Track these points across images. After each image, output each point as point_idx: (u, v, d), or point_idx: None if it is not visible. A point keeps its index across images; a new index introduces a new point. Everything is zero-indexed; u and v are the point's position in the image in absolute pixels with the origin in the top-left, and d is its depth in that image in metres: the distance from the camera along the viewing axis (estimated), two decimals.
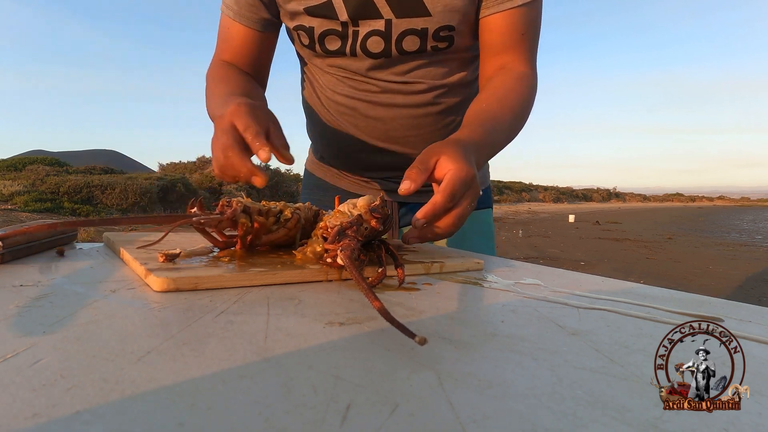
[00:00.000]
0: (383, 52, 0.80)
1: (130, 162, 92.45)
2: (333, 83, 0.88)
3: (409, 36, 0.78)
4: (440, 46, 0.80)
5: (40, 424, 0.20)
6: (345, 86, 0.87)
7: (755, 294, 4.88)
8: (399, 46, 0.79)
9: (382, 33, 0.78)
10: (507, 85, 0.77)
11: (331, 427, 0.21)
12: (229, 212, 0.53)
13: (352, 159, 0.97)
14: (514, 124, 0.76)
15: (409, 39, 0.78)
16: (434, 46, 0.80)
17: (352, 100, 0.87)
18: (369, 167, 0.97)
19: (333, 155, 1.00)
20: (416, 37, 0.78)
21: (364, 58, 0.81)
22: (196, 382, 0.24)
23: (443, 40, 0.79)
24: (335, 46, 0.81)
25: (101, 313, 0.35)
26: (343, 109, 0.89)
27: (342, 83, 0.87)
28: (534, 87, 0.81)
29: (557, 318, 0.39)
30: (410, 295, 0.45)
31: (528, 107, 0.79)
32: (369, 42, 0.79)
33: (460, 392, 0.24)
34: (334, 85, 0.88)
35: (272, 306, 0.39)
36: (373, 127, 0.89)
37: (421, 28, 0.77)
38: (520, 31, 0.79)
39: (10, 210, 9.88)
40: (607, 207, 44.34)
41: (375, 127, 0.89)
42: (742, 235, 13.46)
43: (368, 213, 0.53)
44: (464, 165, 0.57)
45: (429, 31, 0.77)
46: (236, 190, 13.10)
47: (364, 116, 0.88)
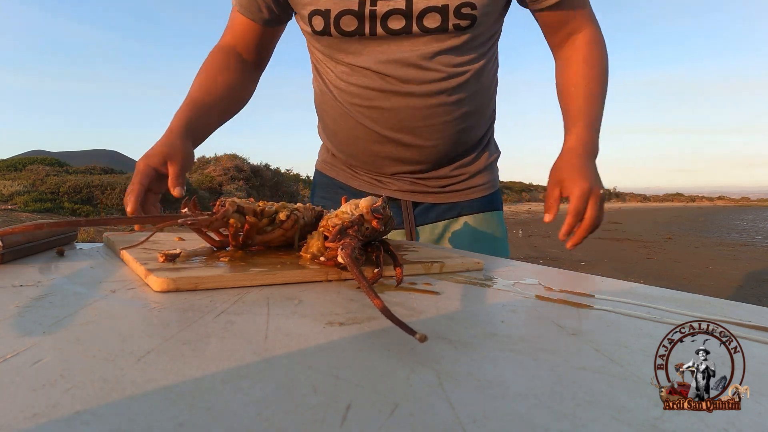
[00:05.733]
0: (404, 29, 0.79)
1: (130, 162, 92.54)
2: (346, 74, 0.87)
3: (431, 13, 0.78)
4: (462, 24, 0.79)
5: (40, 424, 0.20)
6: (358, 76, 0.86)
7: (755, 294, 4.88)
8: (420, 23, 0.78)
9: (402, 11, 0.78)
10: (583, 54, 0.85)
11: (331, 427, 0.21)
12: (220, 212, 0.53)
13: (364, 152, 0.96)
14: (604, 89, 0.85)
15: (430, 16, 0.78)
16: (456, 24, 0.79)
17: (365, 90, 0.87)
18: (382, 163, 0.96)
19: (345, 150, 1.00)
20: (437, 14, 0.78)
21: (384, 36, 0.80)
22: (195, 382, 0.24)
23: (465, 17, 0.78)
24: (352, 26, 0.80)
25: (101, 313, 0.35)
26: (357, 100, 0.89)
27: (355, 73, 0.86)
28: (602, 40, 0.87)
29: (557, 318, 0.39)
30: (410, 295, 0.45)
31: (606, 64, 0.86)
32: (390, 20, 0.79)
33: (460, 392, 0.24)
34: (347, 76, 0.87)
35: (272, 306, 0.38)
36: (386, 117, 0.89)
37: (442, 5, 0.77)
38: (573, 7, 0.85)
39: (10, 210, 9.88)
40: (607, 207, 44.26)
41: (387, 117, 0.89)
42: (742, 235, 13.45)
43: (370, 213, 0.53)
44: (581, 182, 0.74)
45: (450, 7, 0.77)
46: (236, 191, 13.08)
47: (377, 107, 0.88)
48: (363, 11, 0.78)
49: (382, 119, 0.89)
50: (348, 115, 0.92)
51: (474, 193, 1.00)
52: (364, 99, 0.88)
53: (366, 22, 0.79)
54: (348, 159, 1.01)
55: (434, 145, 0.91)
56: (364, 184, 1.01)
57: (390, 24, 0.79)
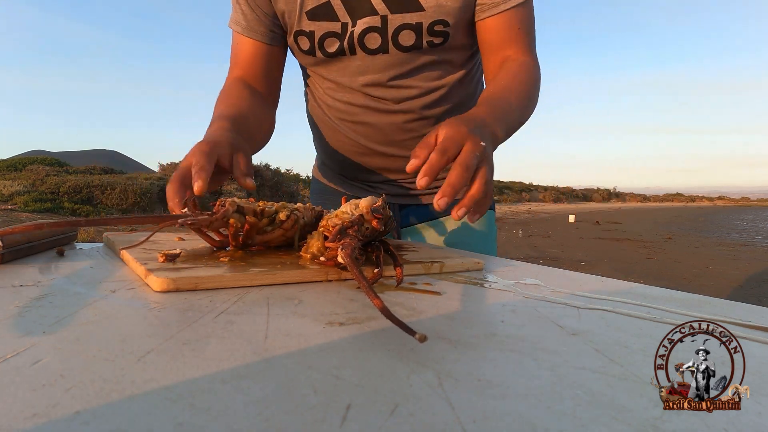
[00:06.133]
0: (380, 47, 0.82)
1: (130, 162, 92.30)
2: (332, 90, 0.91)
3: (405, 30, 0.80)
4: (435, 41, 0.81)
5: (40, 424, 0.20)
6: (343, 92, 0.90)
7: (755, 294, 4.88)
8: (395, 40, 0.81)
9: (378, 29, 0.80)
10: (511, 73, 0.81)
11: (331, 427, 0.21)
12: (220, 212, 0.53)
13: (353, 164, 1.00)
14: (523, 104, 0.78)
15: (405, 34, 0.80)
16: (430, 41, 0.81)
17: (350, 106, 0.90)
18: (370, 171, 1.00)
19: (336, 161, 1.03)
20: (411, 31, 0.80)
21: (363, 56, 0.83)
22: (195, 382, 0.24)
23: (438, 35, 0.81)
24: (334, 47, 0.83)
25: (101, 313, 0.35)
26: (343, 116, 0.93)
27: (340, 90, 0.90)
28: (537, 71, 0.84)
29: (557, 318, 0.39)
30: (410, 296, 0.45)
31: (535, 89, 0.82)
32: (366, 38, 0.81)
33: (460, 392, 0.24)
34: (333, 92, 0.91)
35: (272, 306, 0.38)
36: (371, 132, 0.92)
37: (416, 23, 0.79)
38: (516, 27, 0.83)
39: (10, 210, 9.87)
40: (607, 207, 44.32)
41: (372, 132, 0.92)
42: (742, 235, 13.45)
43: (370, 213, 0.53)
44: (458, 126, 0.57)
45: (423, 25, 0.80)
46: (236, 191, 13.08)
47: (362, 123, 0.91)
48: (345, 32, 0.81)
49: (367, 134, 0.93)
50: (336, 129, 0.96)
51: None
52: (349, 115, 0.92)
53: (346, 41, 0.82)
54: (339, 168, 1.05)
55: None
56: (355, 190, 1.05)
57: (367, 43, 0.82)
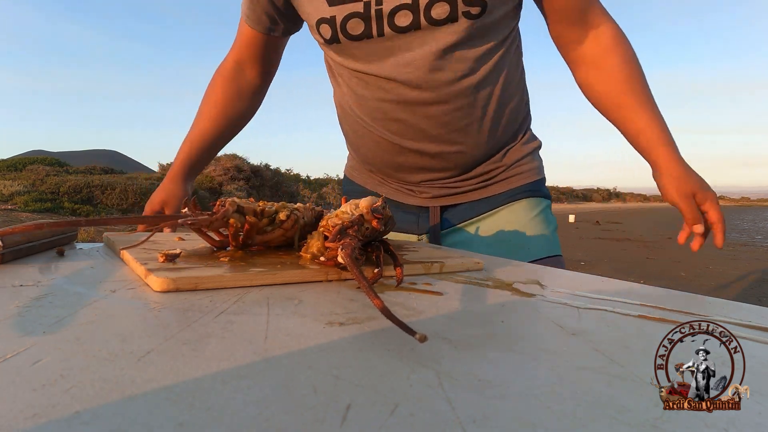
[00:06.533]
0: (412, 23, 0.75)
1: (130, 162, 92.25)
2: (361, 87, 0.85)
3: (439, 2, 0.74)
4: (473, 11, 0.74)
5: (40, 424, 0.20)
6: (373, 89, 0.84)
7: (755, 294, 4.88)
8: (428, 15, 0.74)
9: (409, 5, 0.74)
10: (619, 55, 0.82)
11: (331, 427, 0.21)
12: (220, 212, 0.53)
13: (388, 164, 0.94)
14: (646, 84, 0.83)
15: (438, 5, 0.74)
16: (466, 11, 0.74)
17: (381, 102, 0.84)
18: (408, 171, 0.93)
19: (369, 161, 0.98)
20: (445, 2, 0.74)
21: (392, 35, 0.77)
22: (195, 382, 0.24)
23: (475, 3, 0.74)
24: (359, 29, 0.78)
25: (101, 313, 0.35)
26: (374, 114, 0.87)
27: (369, 86, 0.84)
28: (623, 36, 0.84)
29: (557, 318, 0.39)
30: (410, 295, 0.45)
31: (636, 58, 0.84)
32: (397, 17, 0.75)
33: (460, 392, 0.24)
34: (362, 89, 0.86)
35: (272, 306, 0.38)
36: (405, 128, 0.86)
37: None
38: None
39: (10, 210, 9.87)
40: (607, 207, 44.29)
41: (406, 128, 0.86)
42: (742, 235, 13.43)
43: (370, 213, 0.53)
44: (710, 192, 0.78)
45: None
46: (236, 191, 13.08)
47: (394, 119, 0.85)
48: (369, 12, 0.76)
49: (401, 131, 0.86)
50: (367, 128, 0.90)
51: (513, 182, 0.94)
52: (380, 112, 0.86)
53: (373, 23, 0.76)
54: (373, 169, 0.99)
55: (460, 150, 0.87)
56: (393, 192, 0.98)
57: (397, 21, 0.76)
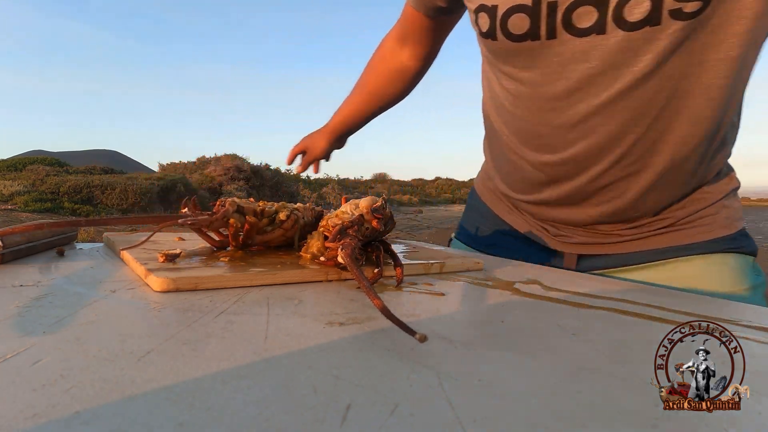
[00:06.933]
0: (595, 25, 0.55)
1: (130, 162, 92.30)
2: (510, 101, 0.66)
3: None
4: (686, 9, 0.50)
5: (40, 424, 0.20)
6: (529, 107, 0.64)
7: None
8: (618, 14, 0.53)
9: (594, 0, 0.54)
10: None
11: (331, 427, 0.21)
12: (220, 212, 0.53)
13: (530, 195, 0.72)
14: None
15: (634, 3, 0.52)
16: (674, 10, 0.51)
17: (538, 126, 0.64)
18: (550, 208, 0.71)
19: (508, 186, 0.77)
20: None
21: (567, 39, 0.57)
22: (195, 382, 0.24)
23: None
24: (522, 27, 0.58)
25: (101, 313, 0.35)
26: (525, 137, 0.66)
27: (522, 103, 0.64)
28: None
29: (557, 318, 0.39)
30: (410, 296, 0.45)
31: None
32: (576, 14, 0.55)
33: (460, 392, 0.24)
34: (513, 105, 0.66)
35: (272, 306, 0.38)
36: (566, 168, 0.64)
37: None
38: None
39: (10, 210, 9.87)
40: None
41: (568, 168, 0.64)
42: None
43: (370, 213, 0.53)
44: None
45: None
46: (236, 191, 13.09)
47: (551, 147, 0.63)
48: (539, 7, 0.56)
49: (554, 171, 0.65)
50: (514, 148, 0.69)
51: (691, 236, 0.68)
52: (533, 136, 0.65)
53: (542, 20, 0.57)
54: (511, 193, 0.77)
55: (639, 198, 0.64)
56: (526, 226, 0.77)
57: (576, 21, 0.55)
